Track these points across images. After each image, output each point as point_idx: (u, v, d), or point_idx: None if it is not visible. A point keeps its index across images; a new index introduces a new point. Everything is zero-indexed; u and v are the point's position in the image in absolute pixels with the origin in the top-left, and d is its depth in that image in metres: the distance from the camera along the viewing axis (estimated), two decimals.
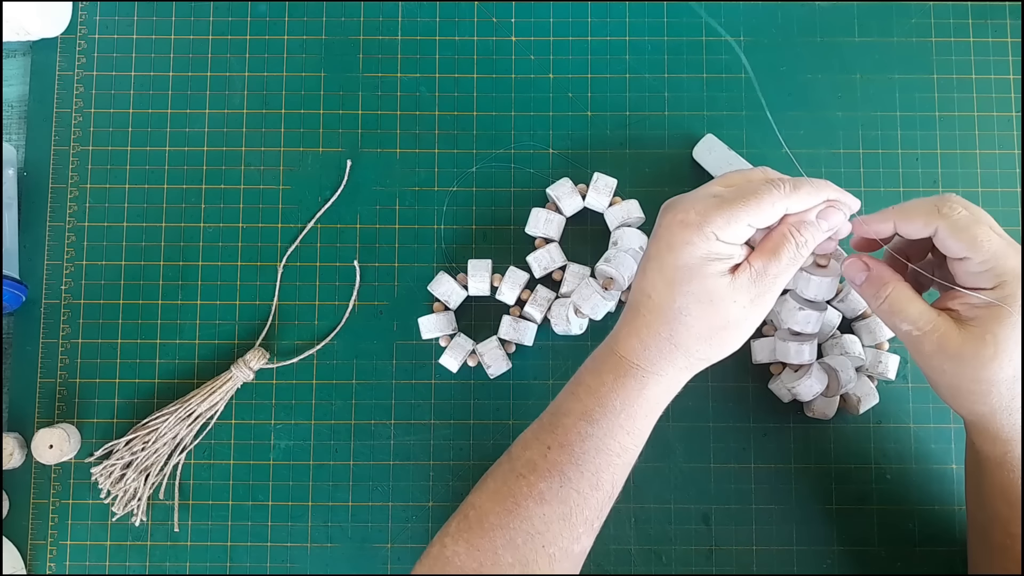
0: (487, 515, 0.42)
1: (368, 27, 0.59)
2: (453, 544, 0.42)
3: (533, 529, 0.41)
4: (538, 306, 0.55)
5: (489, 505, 0.43)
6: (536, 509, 0.42)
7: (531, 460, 0.43)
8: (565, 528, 0.42)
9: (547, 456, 0.42)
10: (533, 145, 0.58)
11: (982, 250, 0.40)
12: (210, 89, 0.59)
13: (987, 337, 0.40)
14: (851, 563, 0.54)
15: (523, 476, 0.42)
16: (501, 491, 0.43)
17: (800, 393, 0.52)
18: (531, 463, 0.43)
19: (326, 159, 0.58)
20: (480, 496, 0.43)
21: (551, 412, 0.44)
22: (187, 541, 0.55)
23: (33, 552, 0.55)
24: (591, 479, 0.42)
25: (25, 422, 0.56)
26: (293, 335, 0.56)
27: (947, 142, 0.58)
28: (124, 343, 0.56)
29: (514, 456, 0.44)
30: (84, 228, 0.57)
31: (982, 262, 0.41)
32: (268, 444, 0.55)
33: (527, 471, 0.42)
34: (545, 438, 0.43)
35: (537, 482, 0.42)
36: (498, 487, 0.43)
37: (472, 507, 0.43)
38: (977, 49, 0.59)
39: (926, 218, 0.42)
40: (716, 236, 0.40)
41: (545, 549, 0.42)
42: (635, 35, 0.59)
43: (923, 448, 0.55)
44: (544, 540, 0.42)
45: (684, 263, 0.40)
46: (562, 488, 0.42)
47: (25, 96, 0.59)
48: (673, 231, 0.41)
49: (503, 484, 0.43)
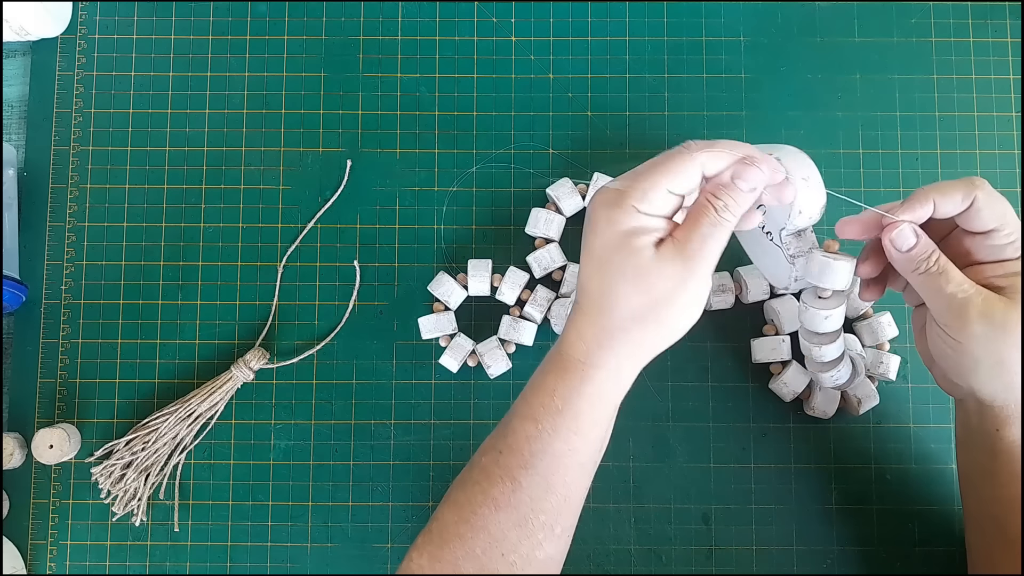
0: (447, 526, 0.42)
1: (368, 27, 0.59)
2: (419, 558, 0.42)
3: (491, 538, 0.41)
4: (538, 306, 0.55)
5: (449, 516, 0.42)
6: (492, 516, 0.41)
7: (485, 466, 0.42)
8: (523, 535, 0.41)
9: (499, 461, 0.42)
10: (533, 145, 0.58)
11: (1011, 222, 0.42)
12: (210, 89, 0.59)
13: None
14: (851, 563, 0.54)
15: (478, 483, 0.42)
16: (459, 500, 0.42)
17: (840, 378, 0.51)
18: (485, 470, 0.42)
19: (326, 159, 0.58)
20: (442, 507, 0.43)
21: (506, 417, 0.43)
22: (187, 541, 0.55)
23: (33, 552, 0.55)
24: (541, 482, 0.41)
25: (25, 422, 0.56)
26: (293, 335, 0.57)
27: (947, 142, 0.58)
28: (124, 343, 0.56)
29: (472, 463, 0.43)
30: (84, 228, 0.57)
31: (1009, 233, 0.42)
32: (268, 444, 0.55)
33: (482, 478, 0.42)
34: (497, 443, 0.42)
35: (490, 488, 0.41)
36: (456, 496, 0.42)
37: (435, 519, 0.43)
38: (977, 49, 0.59)
39: (965, 191, 0.42)
40: (636, 208, 0.40)
41: (505, 557, 0.41)
42: (635, 35, 0.59)
43: (923, 448, 0.55)
44: (503, 548, 0.41)
45: (608, 241, 0.40)
46: (514, 494, 0.41)
47: (25, 96, 0.59)
48: (597, 212, 0.41)
49: (461, 493, 0.42)
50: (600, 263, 0.40)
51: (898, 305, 0.56)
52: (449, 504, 0.43)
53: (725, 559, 0.54)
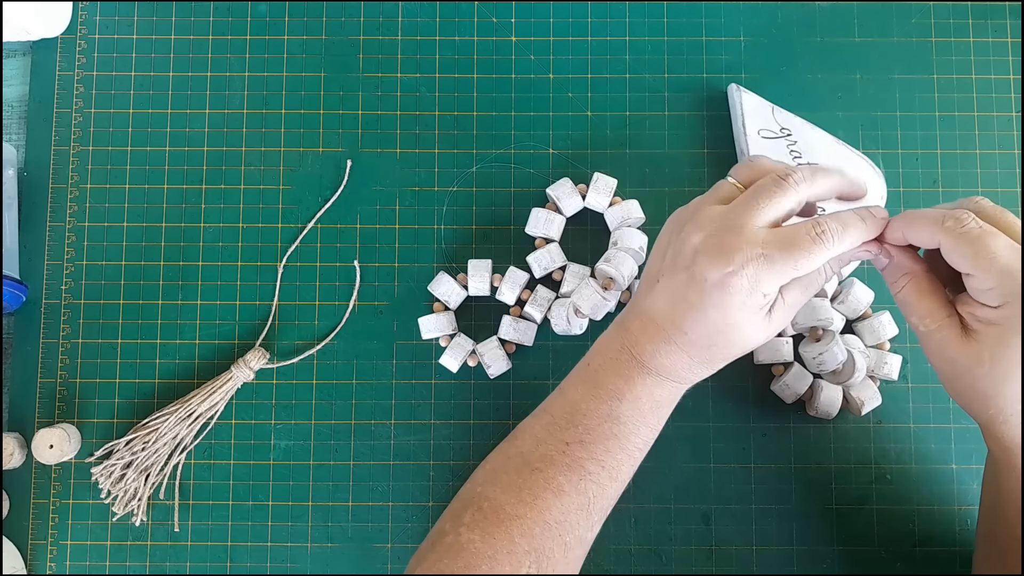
0: (503, 506, 0.42)
1: (368, 27, 0.59)
2: (469, 532, 0.42)
3: (552, 519, 0.42)
4: (538, 306, 0.55)
5: (504, 497, 0.43)
6: (554, 501, 0.42)
7: (547, 455, 0.43)
8: (582, 517, 0.43)
9: (566, 452, 0.43)
10: (533, 145, 0.58)
11: (986, 269, 0.39)
12: (210, 89, 0.59)
13: (984, 354, 0.40)
14: (851, 563, 0.54)
15: (539, 470, 0.43)
16: (516, 484, 0.43)
17: (826, 362, 0.51)
18: (547, 458, 0.43)
19: (326, 159, 0.58)
20: (493, 489, 0.43)
21: (564, 411, 0.44)
22: (187, 541, 0.55)
23: (33, 552, 0.55)
24: (611, 472, 0.43)
25: (25, 422, 0.56)
26: (293, 335, 0.56)
27: (947, 142, 0.58)
28: (124, 343, 0.56)
29: (525, 451, 0.44)
30: (84, 228, 0.57)
31: (985, 280, 0.39)
32: (268, 444, 0.55)
33: (543, 465, 0.43)
34: (562, 435, 0.44)
35: (555, 476, 0.43)
36: (512, 480, 0.43)
37: (486, 499, 0.43)
38: (977, 49, 0.59)
39: (931, 230, 0.41)
40: (763, 295, 0.41)
41: (561, 537, 0.42)
42: (635, 35, 0.59)
43: (923, 448, 0.55)
44: (561, 529, 0.42)
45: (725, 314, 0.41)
46: (581, 481, 0.43)
47: (25, 96, 0.59)
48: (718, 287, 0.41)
49: (517, 477, 0.43)
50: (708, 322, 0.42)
51: None
52: (502, 487, 0.43)
53: (725, 559, 0.54)
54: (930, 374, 0.55)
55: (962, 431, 0.55)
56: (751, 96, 0.56)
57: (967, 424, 0.55)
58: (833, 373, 0.53)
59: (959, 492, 0.54)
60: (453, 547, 0.42)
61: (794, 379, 0.53)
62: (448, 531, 0.43)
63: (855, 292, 0.54)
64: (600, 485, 0.43)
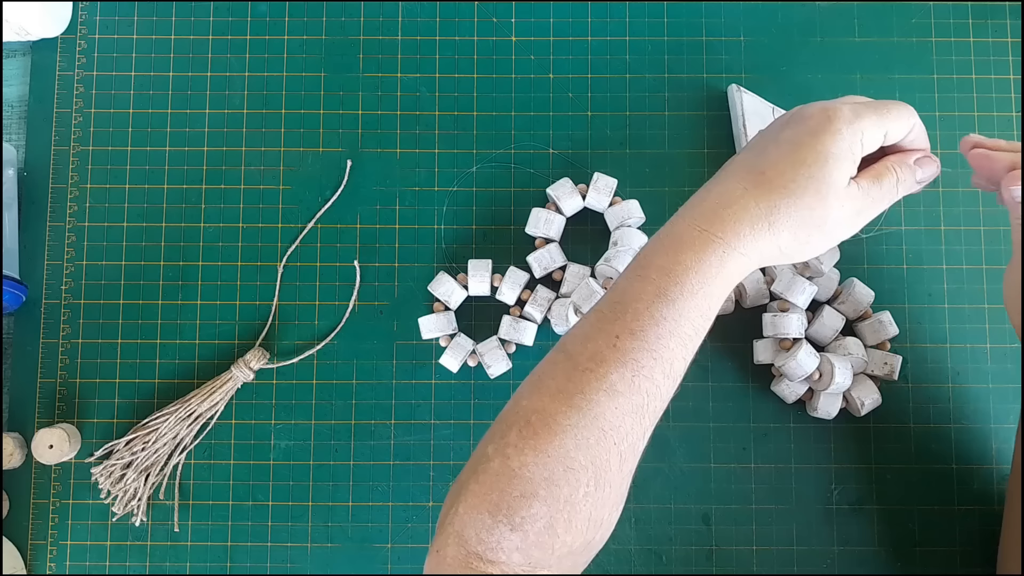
0: (554, 416, 0.38)
1: (368, 27, 0.59)
2: (519, 455, 0.37)
3: (607, 425, 0.38)
4: (538, 306, 0.55)
5: (554, 406, 0.38)
6: (608, 403, 0.38)
7: (597, 352, 0.39)
8: (637, 422, 0.39)
9: (616, 345, 0.39)
10: (533, 145, 0.58)
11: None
12: (210, 89, 0.59)
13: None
14: (851, 563, 0.54)
15: (590, 370, 0.39)
16: (566, 389, 0.39)
17: (789, 372, 0.52)
18: (597, 355, 0.39)
19: (326, 159, 0.58)
20: (541, 398, 0.39)
21: (612, 302, 0.41)
22: (187, 541, 0.55)
23: (33, 552, 0.55)
24: (665, 366, 0.39)
25: (25, 422, 0.56)
26: (293, 335, 0.57)
27: (947, 142, 0.58)
28: (124, 343, 0.56)
29: (573, 353, 0.40)
30: (84, 228, 0.57)
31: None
32: (268, 444, 0.55)
33: (594, 364, 0.39)
34: (610, 328, 0.39)
35: (608, 374, 0.38)
36: (561, 385, 0.39)
37: (534, 411, 0.38)
38: (977, 49, 0.59)
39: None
40: (863, 134, 0.41)
41: (617, 447, 0.38)
42: (635, 35, 0.59)
43: (923, 448, 0.55)
44: (616, 437, 0.38)
45: (823, 149, 0.41)
46: (635, 377, 0.39)
47: (25, 96, 0.59)
48: (820, 120, 0.41)
49: (567, 382, 0.39)
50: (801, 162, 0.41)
51: (898, 305, 0.56)
52: (551, 394, 0.39)
53: (725, 559, 0.54)
54: (930, 374, 0.55)
55: (962, 431, 0.55)
56: (751, 96, 0.56)
57: (967, 424, 0.55)
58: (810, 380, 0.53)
59: (959, 492, 0.54)
60: (502, 474, 0.37)
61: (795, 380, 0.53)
62: (492, 455, 0.38)
63: (855, 292, 0.54)
64: (654, 382, 0.39)
